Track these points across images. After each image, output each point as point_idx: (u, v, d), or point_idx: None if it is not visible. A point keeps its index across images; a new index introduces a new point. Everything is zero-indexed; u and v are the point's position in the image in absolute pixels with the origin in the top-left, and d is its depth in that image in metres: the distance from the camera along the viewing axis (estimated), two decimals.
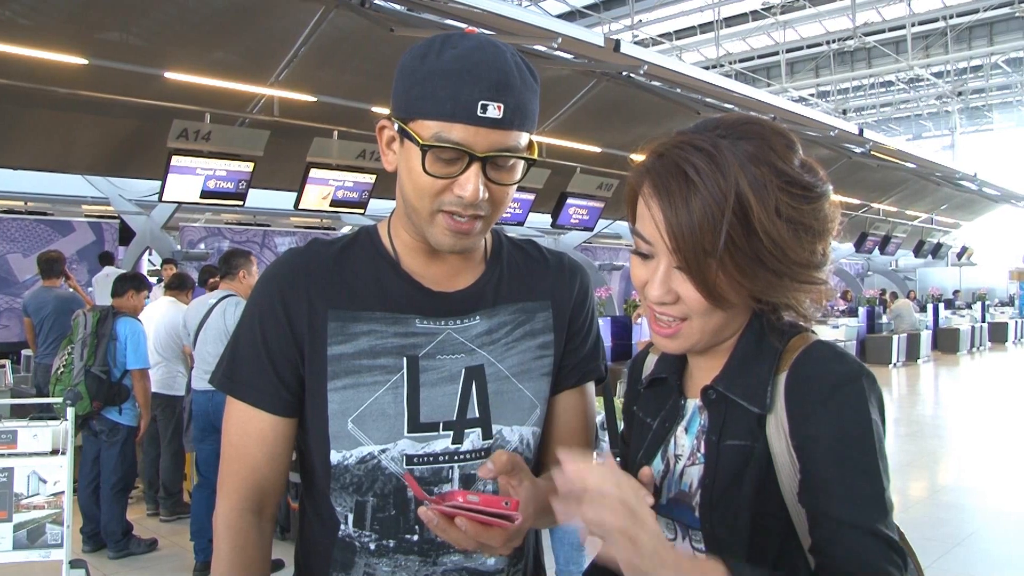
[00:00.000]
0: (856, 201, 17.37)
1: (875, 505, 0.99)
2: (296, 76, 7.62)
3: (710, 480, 1.07)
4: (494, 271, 1.30)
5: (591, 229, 11.99)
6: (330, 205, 8.77)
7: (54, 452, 3.79)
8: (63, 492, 3.72)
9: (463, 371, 1.23)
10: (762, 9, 21.13)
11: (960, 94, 26.29)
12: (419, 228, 1.19)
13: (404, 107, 1.14)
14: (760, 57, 25.09)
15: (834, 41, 22.82)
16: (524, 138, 1.15)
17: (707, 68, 21.38)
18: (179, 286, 6.18)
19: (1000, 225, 27.13)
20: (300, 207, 8.65)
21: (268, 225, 12.40)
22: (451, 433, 1.21)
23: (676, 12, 21.88)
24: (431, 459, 1.20)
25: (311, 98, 7.89)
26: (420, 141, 1.10)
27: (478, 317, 1.26)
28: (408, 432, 1.19)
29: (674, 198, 1.01)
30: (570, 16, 21.58)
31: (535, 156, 1.18)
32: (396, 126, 1.16)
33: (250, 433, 1.22)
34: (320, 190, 8.56)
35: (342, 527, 1.22)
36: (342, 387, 1.19)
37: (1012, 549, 5.42)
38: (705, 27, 22.41)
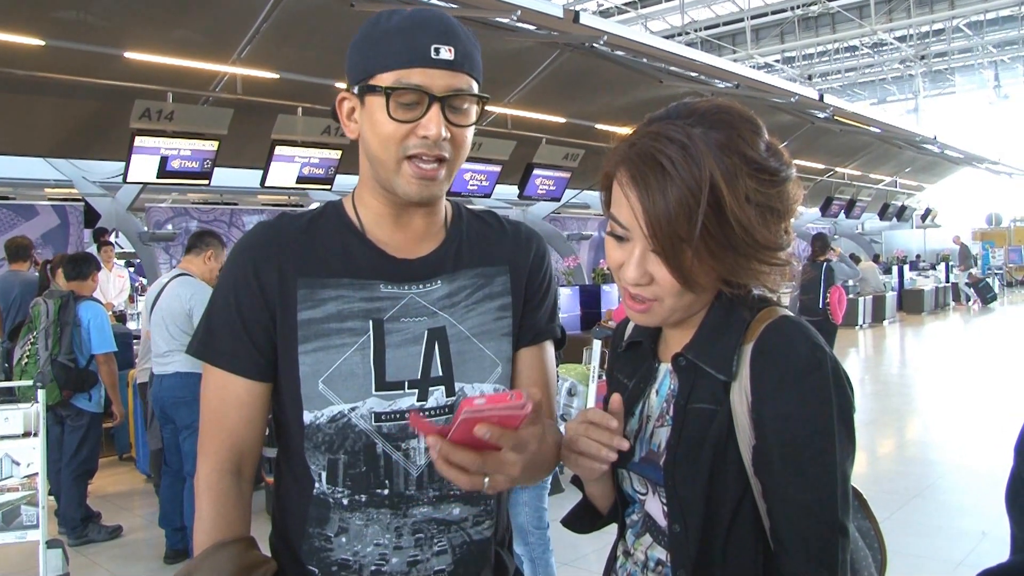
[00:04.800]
0: (820, 166, 17.53)
1: (829, 490, 1.07)
2: (258, 53, 7.56)
3: (675, 440, 1.15)
4: (454, 238, 1.37)
5: (558, 199, 12.03)
6: (296, 182, 8.75)
7: (26, 435, 3.81)
8: (37, 474, 3.76)
9: (426, 332, 1.30)
10: None
11: (923, 58, 26.51)
12: (386, 182, 1.26)
13: (362, 68, 1.23)
14: (725, 24, 25.09)
15: (799, 7, 22.90)
16: (475, 86, 1.25)
17: (673, 36, 21.40)
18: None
19: (963, 187, 27.48)
20: (267, 184, 8.63)
21: (235, 203, 12.31)
22: (416, 391, 1.28)
23: None
24: (398, 416, 1.26)
25: (274, 75, 7.84)
26: (383, 87, 1.19)
27: (439, 281, 1.33)
28: (376, 391, 1.26)
29: (651, 188, 1.07)
30: None
31: (487, 96, 1.27)
32: (356, 90, 1.24)
33: (228, 398, 1.29)
34: (286, 167, 8.56)
35: (316, 485, 1.27)
36: (312, 350, 1.26)
37: (966, 499, 5.62)
38: None
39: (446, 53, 1.20)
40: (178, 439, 4.65)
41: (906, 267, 21.20)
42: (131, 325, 8.58)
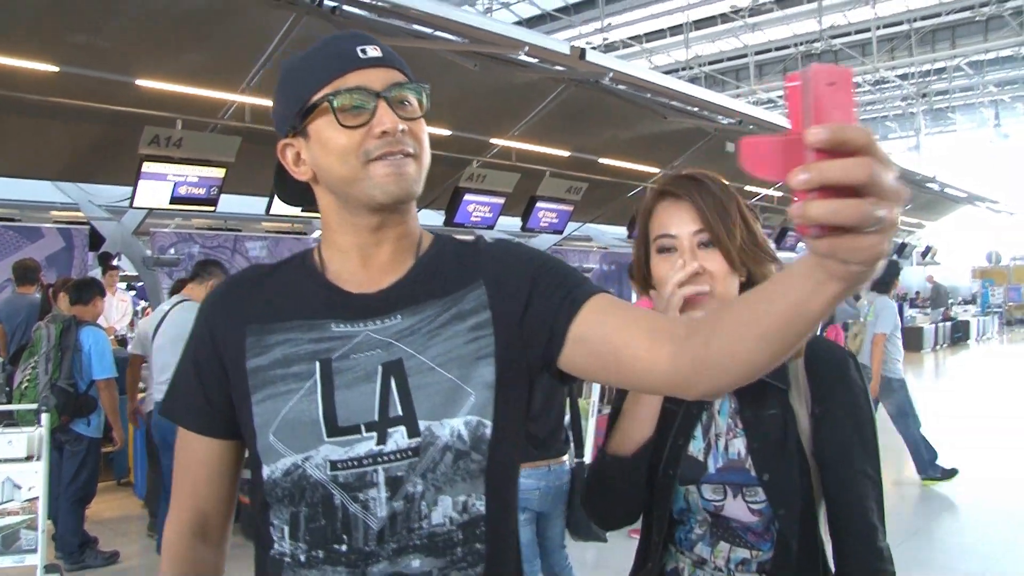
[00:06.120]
0: None
1: (875, 456, 1.41)
2: (267, 82, 7.64)
3: (760, 442, 1.40)
4: (423, 265, 1.25)
5: (561, 232, 12.10)
6: (302, 210, 8.79)
7: (28, 458, 3.83)
8: (38, 498, 3.77)
9: (380, 368, 1.17)
10: (731, 12, 21.38)
11: (924, 96, 26.72)
12: (359, 197, 1.16)
13: (295, 102, 1.18)
14: (729, 59, 25.35)
15: (801, 44, 23.14)
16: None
17: (677, 71, 21.60)
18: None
19: (963, 225, 27.57)
20: (271, 212, 8.69)
21: (239, 230, 12.36)
22: (375, 434, 1.15)
23: (646, 15, 22.07)
24: (355, 463, 1.14)
25: None
26: (324, 95, 1.15)
27: (399, 316, 1.20)
28: (328, 437, 1.15)
29: (694, 196, 1.43)
30: (540, 19, 21.72)
31: (426, 83, 1.21)
32: (297, 126, 1.19)
33: (190, 456, 1.28)
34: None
35: (276, 544, 1.18)
36: (262, 400, 1.18)
37: (965, 539, 5.62)
38: (675, 30, 22.61)
39: (373, 51, 1.17)
40: None
41: (906, 304, 21.23)
42: None
